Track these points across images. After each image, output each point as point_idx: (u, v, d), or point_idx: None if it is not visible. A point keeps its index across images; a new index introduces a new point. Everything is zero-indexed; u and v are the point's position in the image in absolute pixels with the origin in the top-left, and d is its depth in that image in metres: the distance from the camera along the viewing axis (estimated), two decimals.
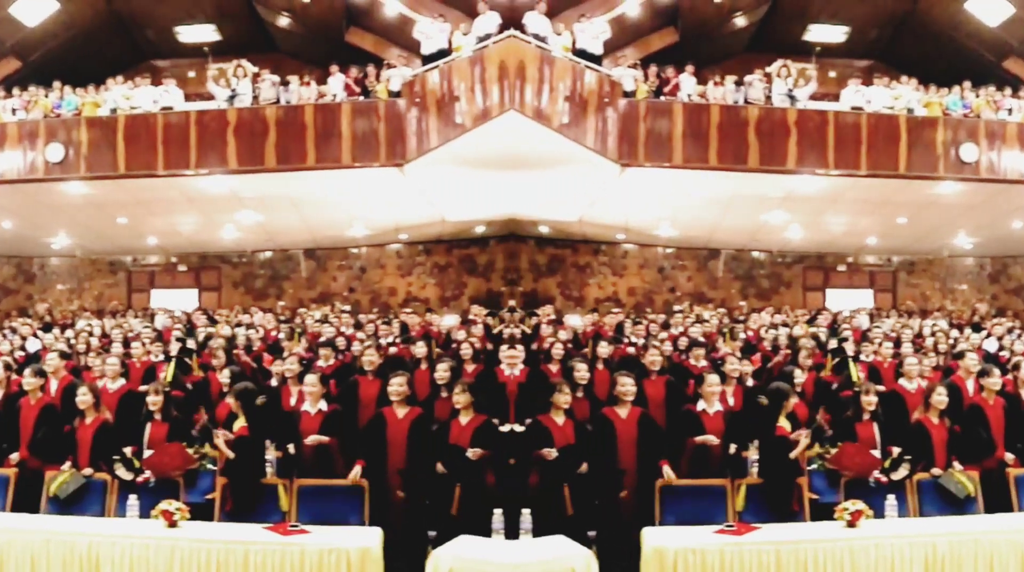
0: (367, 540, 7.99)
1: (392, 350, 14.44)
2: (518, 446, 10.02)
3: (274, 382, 11.80)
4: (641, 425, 9.40)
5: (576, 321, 17.33)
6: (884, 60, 24.61)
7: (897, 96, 19.54)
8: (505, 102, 16.72)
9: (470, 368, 12.12)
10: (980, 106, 19.64)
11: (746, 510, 8.81)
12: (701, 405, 9.56)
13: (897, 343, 14.84)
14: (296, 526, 8.24)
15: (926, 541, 7.94)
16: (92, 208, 20.50)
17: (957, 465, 9.39)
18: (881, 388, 10.92)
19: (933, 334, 17.22)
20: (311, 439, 9.32)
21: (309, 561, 7.75)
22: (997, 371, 10.63)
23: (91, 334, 17.20)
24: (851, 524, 8.09)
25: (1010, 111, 19.71)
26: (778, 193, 19.68)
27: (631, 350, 14.04)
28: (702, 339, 15.04)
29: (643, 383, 10.48)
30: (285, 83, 19.57)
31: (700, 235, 23.83)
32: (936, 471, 9.33)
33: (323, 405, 9.67)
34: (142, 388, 10.83)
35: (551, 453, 9.16)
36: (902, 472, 9.20)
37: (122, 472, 9.21)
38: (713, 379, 9.70)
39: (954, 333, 18.35)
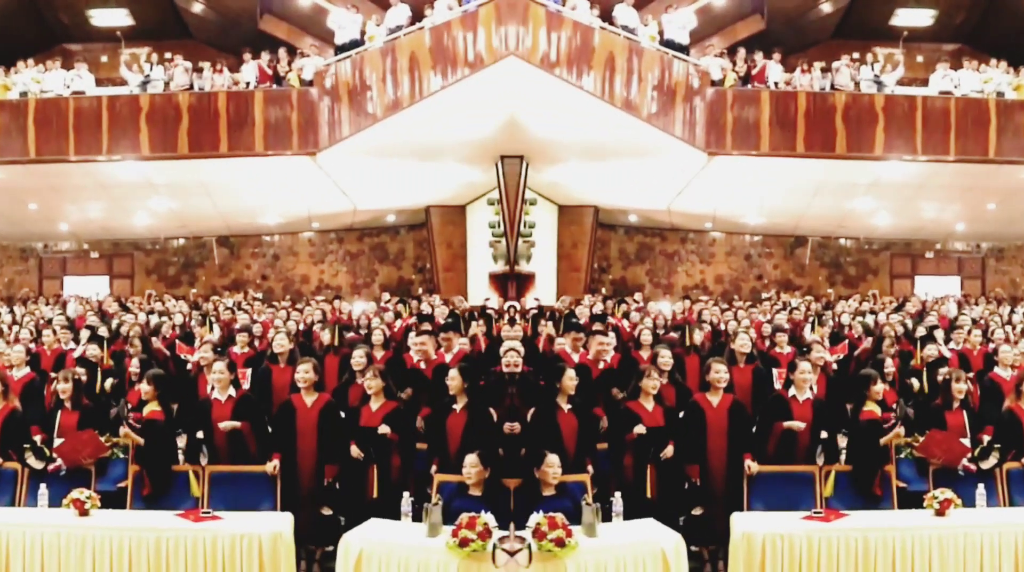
0: (279, 525, 8.06)
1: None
2: (609, 430, 10.13)
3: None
4: (732, 412, 9.43)
5: (667, 308, 17.37)
6: (972, 43, 24.26)
7: (987, 79, 19.33)
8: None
9: (379, 354, 12.15)
10: None
11: (834, 497, 8.83)
12: (792, 391, 9.59)
13: (986, 331, 14.76)
14: (208, 512, 8.25)
15: (1016, 531, 7.88)
16: (2, 193, 20.50)
17: None
18: (969, 375, 10.86)
19: None
20: (224, 424, 9.27)
21: (221, 546, 7.79)
22: None
23: None
24: (940, 513, 8.03)
25: None
26: (865, 180, 19.64)
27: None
28: (786, 326, 15.06)
29: (731, 370, 10.55)
30: (198, 70, 19.61)
31: (787, 222, 23.78)
32: None
33: (232, 392, 9.58)
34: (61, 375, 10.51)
35: (641, 429, 9.29)
36: (991, 461, 9.12)
37: (32, 461, 9.10)
38: (805, 366, 9.64)
39: None
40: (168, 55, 20.06)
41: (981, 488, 8.60)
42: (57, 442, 9.38)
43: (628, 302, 19.17)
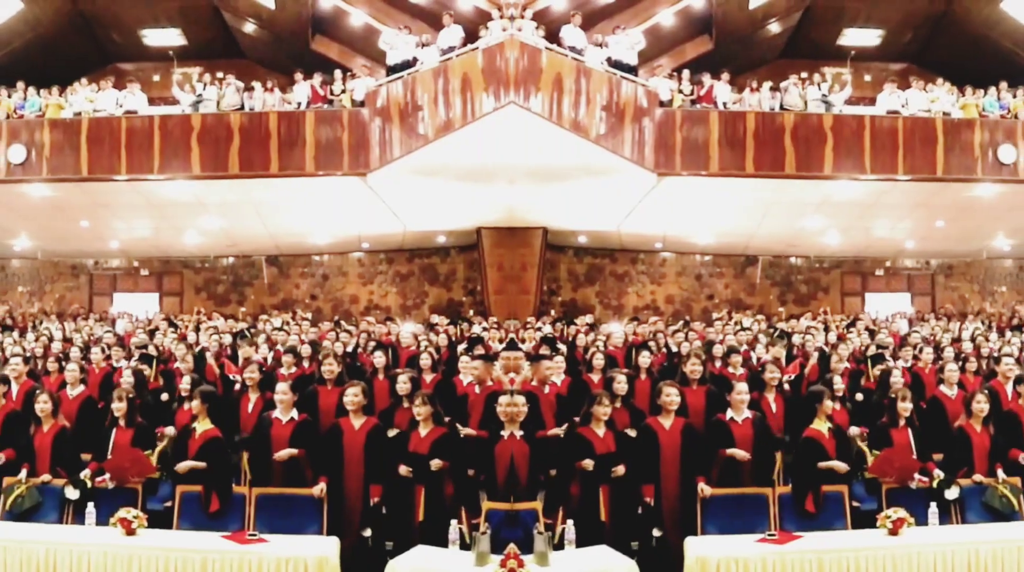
0: (325, 549, 7.96)
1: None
2: (560, 456, 10.03)
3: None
4: (684, 435, 9.39)
5: (618, 330, 17.32)
6: (919, 62, 24.58)
7: (933, 99, 19.46)
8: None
9: (428, 378, 12.13)
10: (1017, 106, 19.53)
11: (787, 519, 8.82)
12: (730, 414, 9.56)
13: (937, 348, 14.79)
14: (254, 535, 8.19)
15: (968, 549, 7.88)
16: (54, 210, 20.50)
17: (1001, 474, 9.26)
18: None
19: (973, 339, 17.14)
20: (283, 453, 9.24)
21: (267, 570, 7.72)
22: None
23: (51, 339, 17.09)
24: (893, 532, 8.02)
25: None
26: (815, 199, 19.67)
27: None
28: (743, 347, 15.01)
29: (684, 392, 10.49)
30: (249, 89, 19.58)
31: (737, 242, 23.83)
32: (978, 477, 9.26)
33: (294, 414, 9.56)
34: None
35: (589, 464, 9.19)
36: (953, 493, 9.11)
37: (71, 492, 9.01)
38: (741, 387, 9.67)
39: (994, 337, 18.23)
40: (220, 74, 20.14)
41: (934, 507, 8.62)
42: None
43: (576, 324, 19.16)
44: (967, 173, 18.63)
